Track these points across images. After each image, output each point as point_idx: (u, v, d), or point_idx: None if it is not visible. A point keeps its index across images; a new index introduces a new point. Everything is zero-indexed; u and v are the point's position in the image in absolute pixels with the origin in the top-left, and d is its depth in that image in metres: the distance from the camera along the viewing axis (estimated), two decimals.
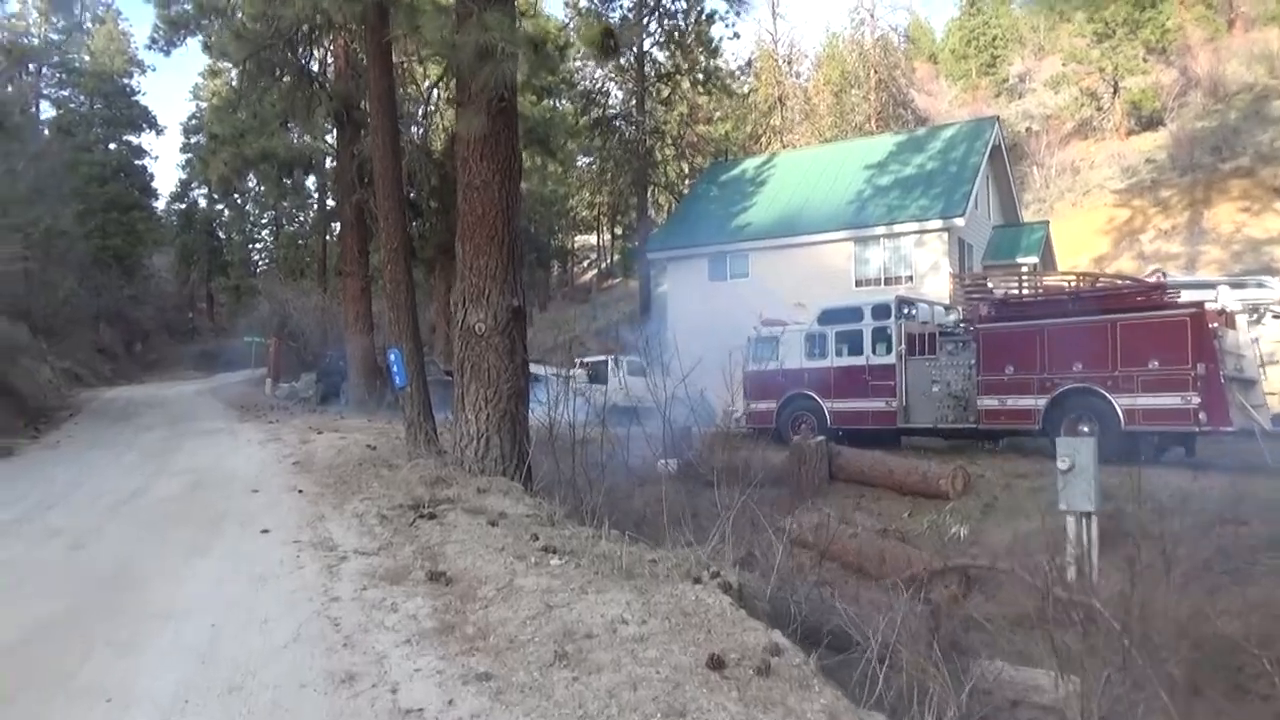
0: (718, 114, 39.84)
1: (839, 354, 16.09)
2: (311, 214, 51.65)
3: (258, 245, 60.91)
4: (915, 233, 22.83)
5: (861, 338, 15.85)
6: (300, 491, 9.06)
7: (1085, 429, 13.12)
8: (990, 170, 25.30)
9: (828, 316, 16.52)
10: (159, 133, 54.74)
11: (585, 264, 68.07)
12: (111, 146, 52.74)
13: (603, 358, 21.36)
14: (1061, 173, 47.91)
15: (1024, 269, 24.65)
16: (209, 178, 24.26)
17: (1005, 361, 13.83)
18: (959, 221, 22.29)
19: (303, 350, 39.16)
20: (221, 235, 60.40)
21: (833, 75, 55.15)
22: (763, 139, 47.17)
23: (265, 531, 7.19)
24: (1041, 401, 13.40)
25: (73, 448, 14.27)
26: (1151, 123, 51.16)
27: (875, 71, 49.70)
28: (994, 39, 68.99)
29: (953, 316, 16.81)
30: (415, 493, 8.42)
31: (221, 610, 5.06)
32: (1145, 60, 52.14)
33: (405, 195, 9.69)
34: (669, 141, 34.68)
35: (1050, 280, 24.34)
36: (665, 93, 33.50)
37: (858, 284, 23.75)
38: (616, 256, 62.74)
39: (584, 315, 46.26)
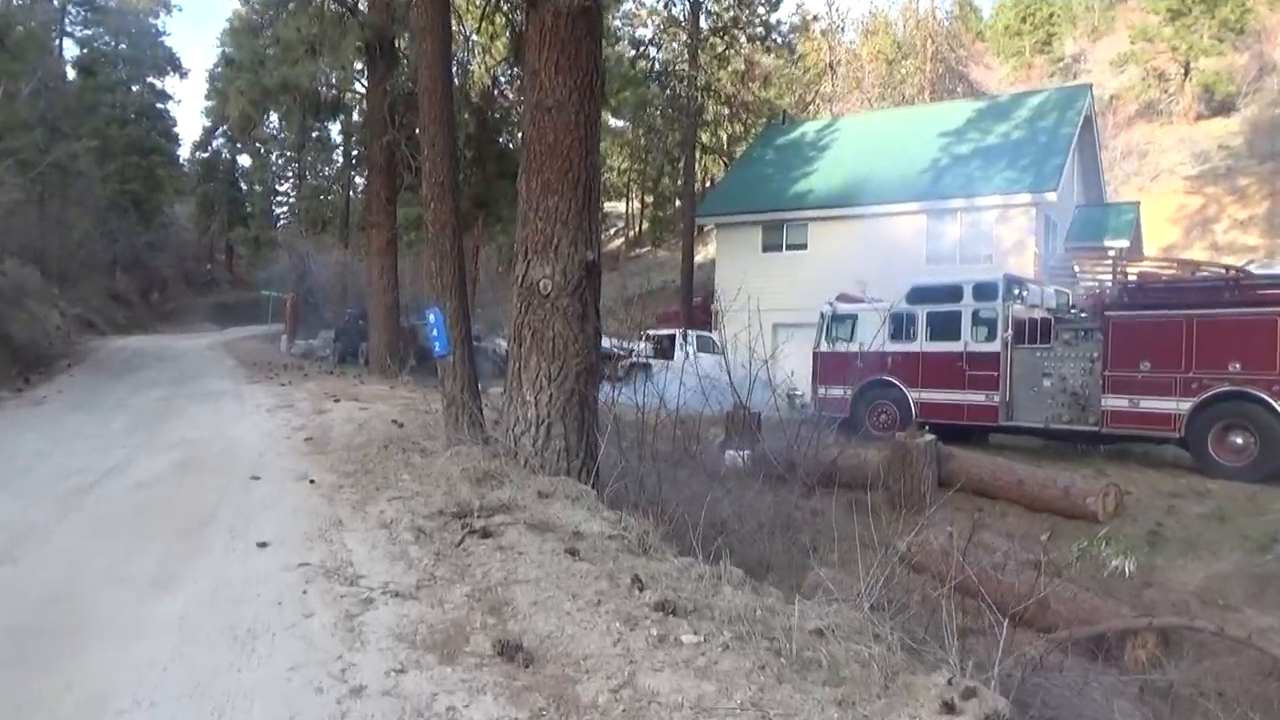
0: (775, 74, 37.46)
1: (931, 338, 14.09)
2: (335, 164, 49.78)
3: (279, 197, 59.20)
4: (999, 207, 20.68)
5: (959, 320, 13.83)
6: (312, 482, 7.21)
7: (1239, 440, 11.13)
8: (1077, 144, 23.03)
9: (919, 294, 14.49)
10: (183, 76, 52.76)
11: (612, 231, 66.04)
12: (134, 89, 50.98)
13: (670, 332, 19.43)
14: (1127, 155, 45.21)
15: (1111, 252, 22.48)
16: (227, 114, 22.27)
17: (1140, 356, 11.81)
18: (1050, 196, 20.11)
19: (321, 307, 37.49)
20: (243, 186, 58.71)
21: (884, 45, 52.54)
22: (810, 107, 44.75)
23: (263, 546, 5.33)
24: (1185, 405, 11.39)
25: (58, 406, 12.49)
26: (1223, 108, 48.42)
27: (931, 40, 47.05)
28: (1050, 15, 66.15)
29: (1054, 301, 14.70)
30: (459, 494, 6.54)
31: (172, 711, 3.18)
32: (1220, 41, 49.34)
33: (451, 124, 7.67)
34: (722, 100, 32.43)
35: (1142, 267, 22.19)
36: (721, 47, 31.22)
37: (929, 261, 21.60)
38: (645, 225, 60.66)
39: (612, 283, 44.32)
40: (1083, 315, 14.09)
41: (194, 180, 56.78)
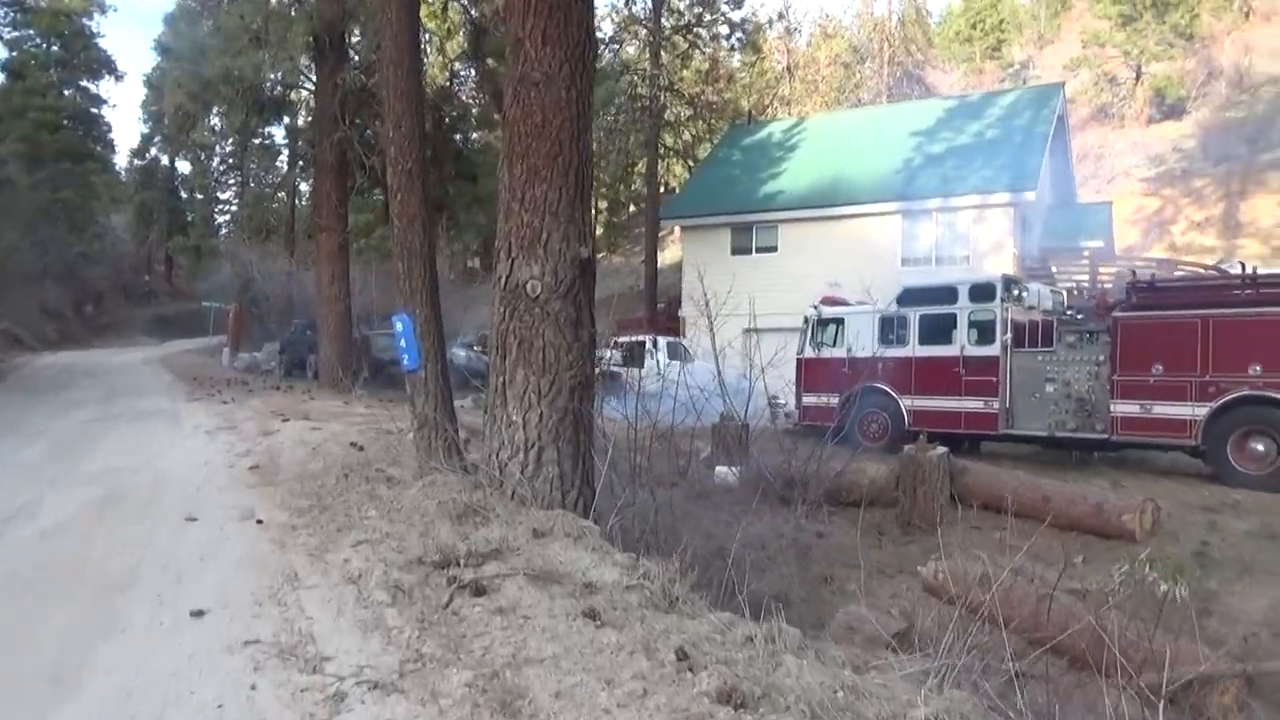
0: (738, 74, 36.67)
1: (924, 342, 13.30)
2: (280, 169, 47.97)
3: (221, 205, 57.03)
4: (976, 207, 20.10)
5: (955, 323, 13.06)
6: (260, 522, 6.10)
7: (1260, 447, 10.48)
8: (1050, 143, 22.59)
9: (911, 296, 13.70)
10: (119, 79, 50.39)
11: None
12: (66, 92, 48.60)
13: (640, 338, 18.43)
14: (1083, 158, 45.32)
15: (1087, 253, 22.08)
16: (164, 110, 20.83)
17: (1151, 359, 11.13)
18: (1029, 196, 19.58)
19: (266, 318, 35.90)
20: (183, 193, 56.45)
21: (840, 49, 52.31)
22: (769, 110, 44.19)
23: (198, 615, 4.24)
24: (1200, 410, 10.73)
25: None
26: (1173, 111, 49.00)
27: (888, 44, 46.84)
28: (1000, 22, 66.75)
29: (1050, 302, 14.01)
30: (438, 535, 5.50)
31: None
32: (1170, 46, 49.98)
33: (419, 101, 6.63)
34: (685, 99, 31.56)
35: (1119, 267, 21.80)
36: (684, 46, 30.35)
37: (904, 263, 20.99)
38: (600, 230, 59.65)
39: None
40: (1079, 317, 13.44)
41: (131, 188, 54.46)
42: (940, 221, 20.63)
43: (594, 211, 63.84)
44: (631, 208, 56.01)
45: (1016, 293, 12.95)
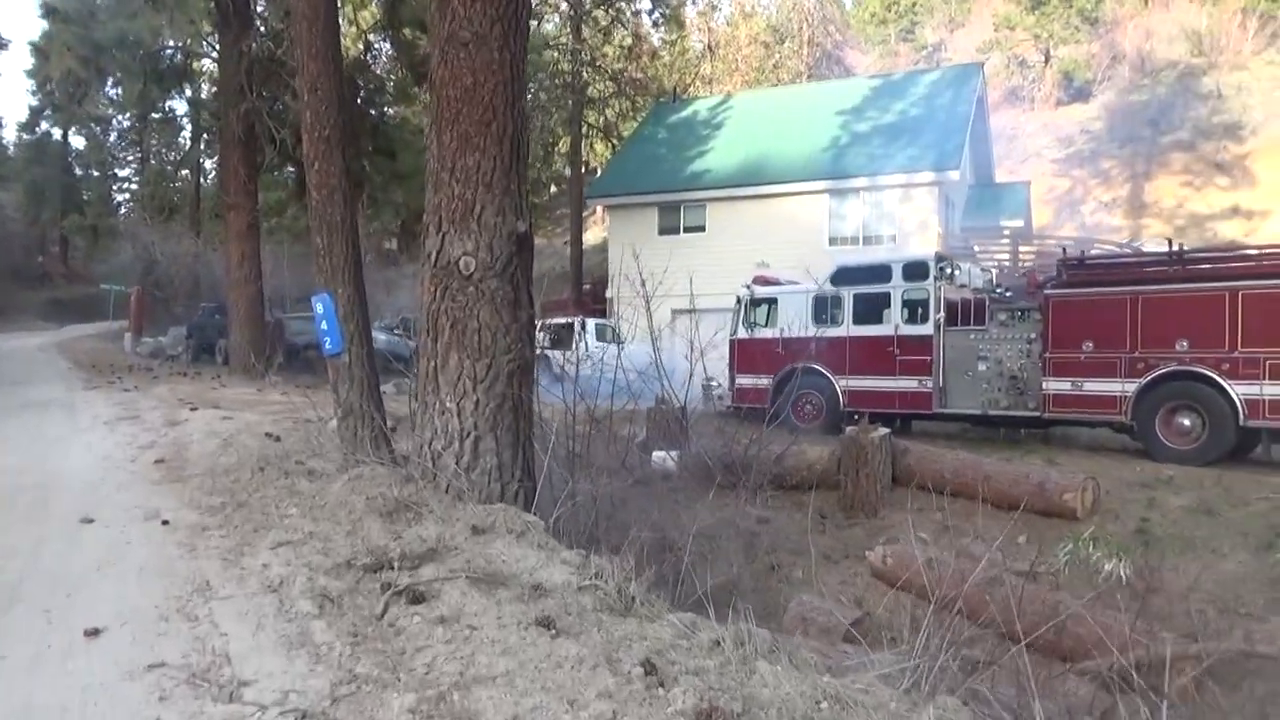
0: (662, 50, 36.17)
1: (858, 321, 13.19)
2: (182, 146, 45.77)
3: (120, 183, 54.23)
4: (902, 186, 20.15)
5: (889, 302, 12.97)
6: (166, 523, 5.54)
7: (1186, 422, 10.64)
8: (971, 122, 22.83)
9: (844, 275, 13.57)
10: (2, 47, 47.25)
11: None
12: None
13: (568, 320, 17.96)
14: (996, 140, 46.28)
15: (1007, 232, 22.42)
16: (50, 77, 19.43)
17: (1082, 336, 11.21)
18: (953, 175, 19.74)
19: (171, 301, 34.27)
20: (77, 170, 53.41)
21: (759, 28, 52.27)
22: (690, 89, 43.91)
23: (93, 634, 3.73)
24: (1130, 387, 10.84)
25: None
26: (1080, 94, 50.43)
27: (807, 24, 46.98)
28: (914, 4, 67.68)
29: (980, 281, 14.05)
30: (368, 534, 5.05)
31: None
32: (1077, 30, 51.46)
33: (337, 61, 6.08)
34: (609, 76, 30.95)
35: (1039, 246, 22.20)
36: (605, 21, 29.74)
37: (832, 242, 20.98)
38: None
39: None
40: (1008, 295, 13.51)
41: (20, 165, 51.29)
42: (867, 200, 20.66)
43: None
44: (553, 188, 55.22)
45: (949, 271, 12.94)
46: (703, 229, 22.22)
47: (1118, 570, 7.39)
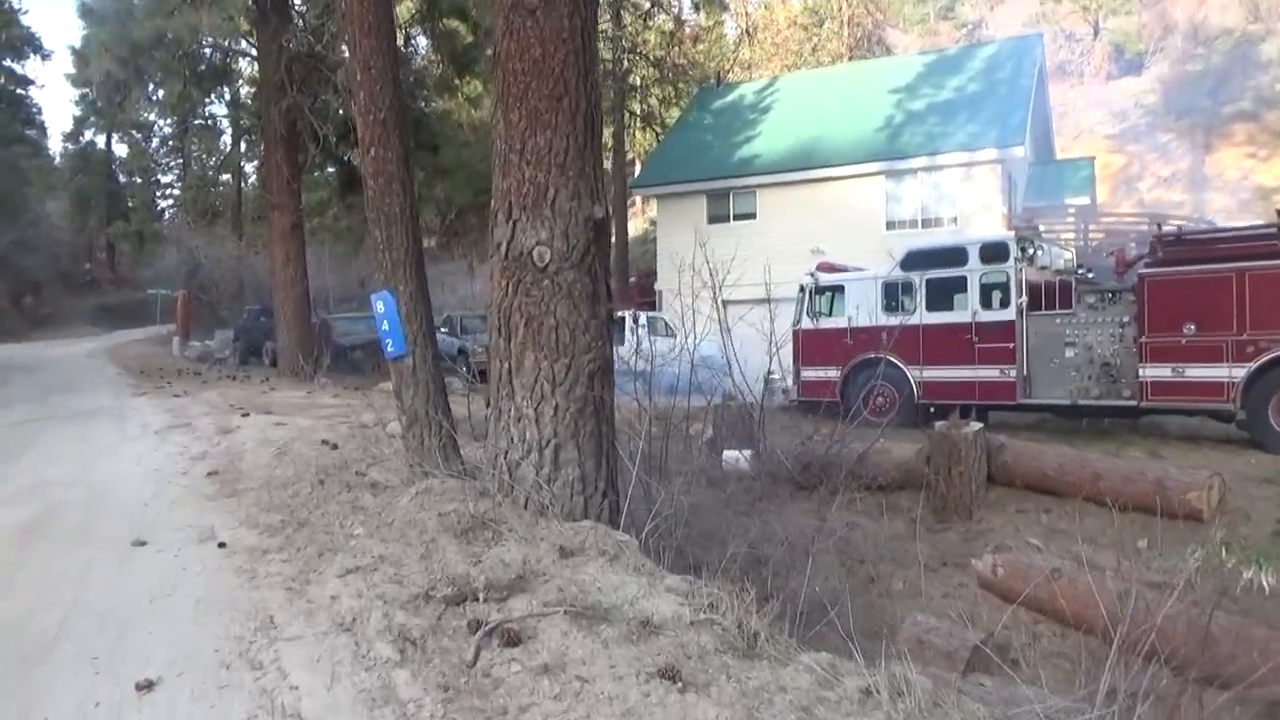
0: (704, 34, 35.34)
1: (932, 308, 12.47)
2: (223, 150, 45.91)
3: (163, 189, 54.63)
4: (963, 165, 19.31)
5: (966, 287, 12.23)
6: (222, 545, 5.08)
7: None
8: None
9: (915, 259, 12.84)
10: (45, 57, 47.55)
11: None
12: None
13: (619, 313, 17.41)
14: None
15: (1073, 210, 21.44)
16: (91, 80, 19.26)
17: (1182, 318, 10.42)
18: (1018, 151, 18.86)
19: (217, 304, 34.34)
20: (121, 178, 53.89)
21: (796, 10, 51.29)
22: (729, 75, 43.12)
23: (146, 689, 3.26)
24: (1238, 372, 10.04)
25: None
26: (1131, 67, 48.88)
27: (848, 3, 45.91)
28: None
29: (1061, 262, 13.24)
30: (445, 558, 4.54)
31: None
32: (1127, 0, 49.87)
33: (391, 36, 5.55)
34: (651, 62, 30.27)
35: (1109, 225, 21.21)
36: (645, 5, 29.07)
37: (889, 226, 20.20)
38: None
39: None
40: (1090, 275, 12.70)
41: (66, 173, 51.91)
42: (925, 182, 19.83)
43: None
44: None
45: (1030, 252, 12.17)
46: (754, 216, 21.54)
47: (1259, 578, 6.66)
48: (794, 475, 9.33)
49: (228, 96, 28.54)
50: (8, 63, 46.33)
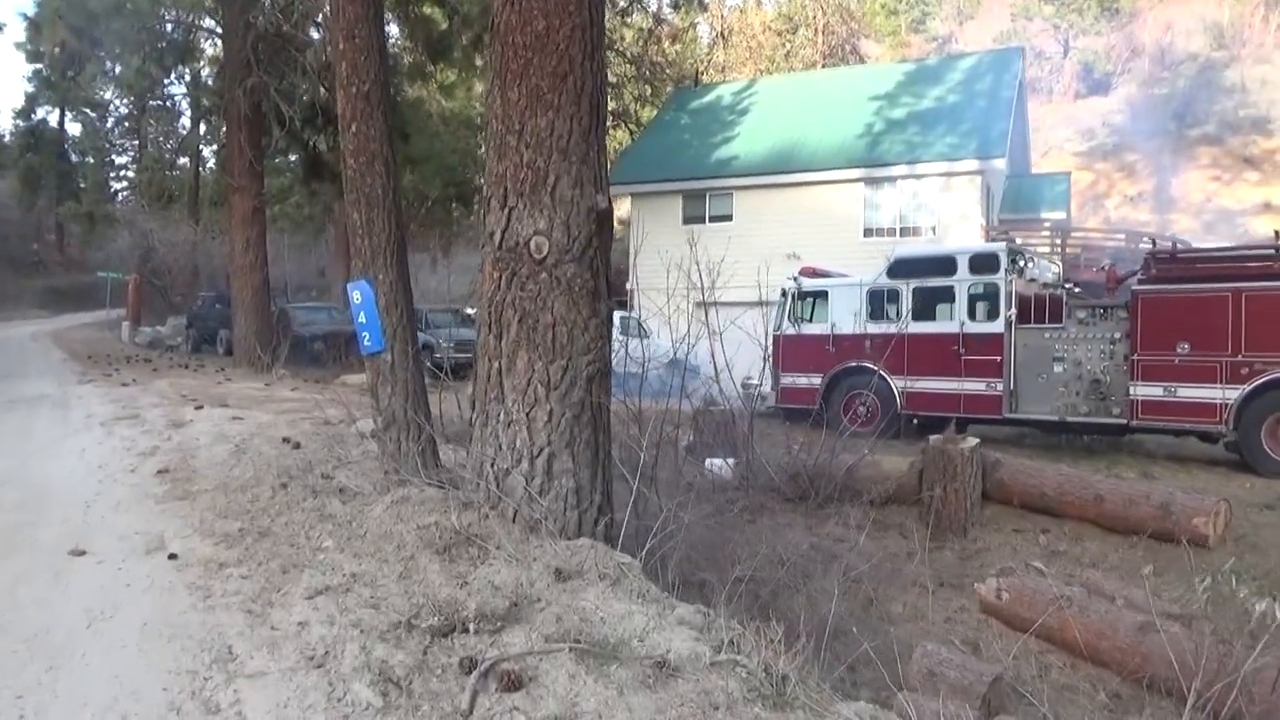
0: (682, 34, 34.94)
1: (918, 317, 12.18)
2: (181, 131, 44.62)
3: (117, 168, 52.93)
4: (942, 175, 19.13)
5: (953, 297, 11.95)
6: (173, 556, 4.55)
7: None
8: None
9: (902, 267, 12.54)
10: None
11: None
12: None
13: None
14: None
15: (1048, 224, 21.42)
16: (43, 50, 18.37)
17: (1175, 337, 10.21)
18: (998, 163, 18.72)
19: (169, 290, 33.27)
20: (74, 157, 52.09)
21: (770, 16, 51.23)
22: (703, 77, 42.86)
23: None
24: (1231, 393, 9.85)
25: None
26: (1099, 86, 49.41)
27: (823, 11, 45.91)
28: None
29: (1049, 275, 13.02)
30: (427, 578, 4.09)
31: None
32: (1097, 20, 50.47)
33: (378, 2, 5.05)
34: (628, 59, 29.76)
35: (1086, 239, 21.23)
36: (623, 2, 28.57)
37: (866, 233, 19.98)
38: None
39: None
40: (1077, 290, 12.51)
41: (16, 151, 49.98)
42: (905, 190, 19.63)
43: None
44: None
45: (1020, 264, 11.92)
46: (730, 218, 21.19)
47: (1272, 611, 6.36)
48: (780, 486, 8.95)
49: (188, 76, 27.54)
50: None
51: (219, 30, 17.15)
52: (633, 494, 4.87)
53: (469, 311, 22.86)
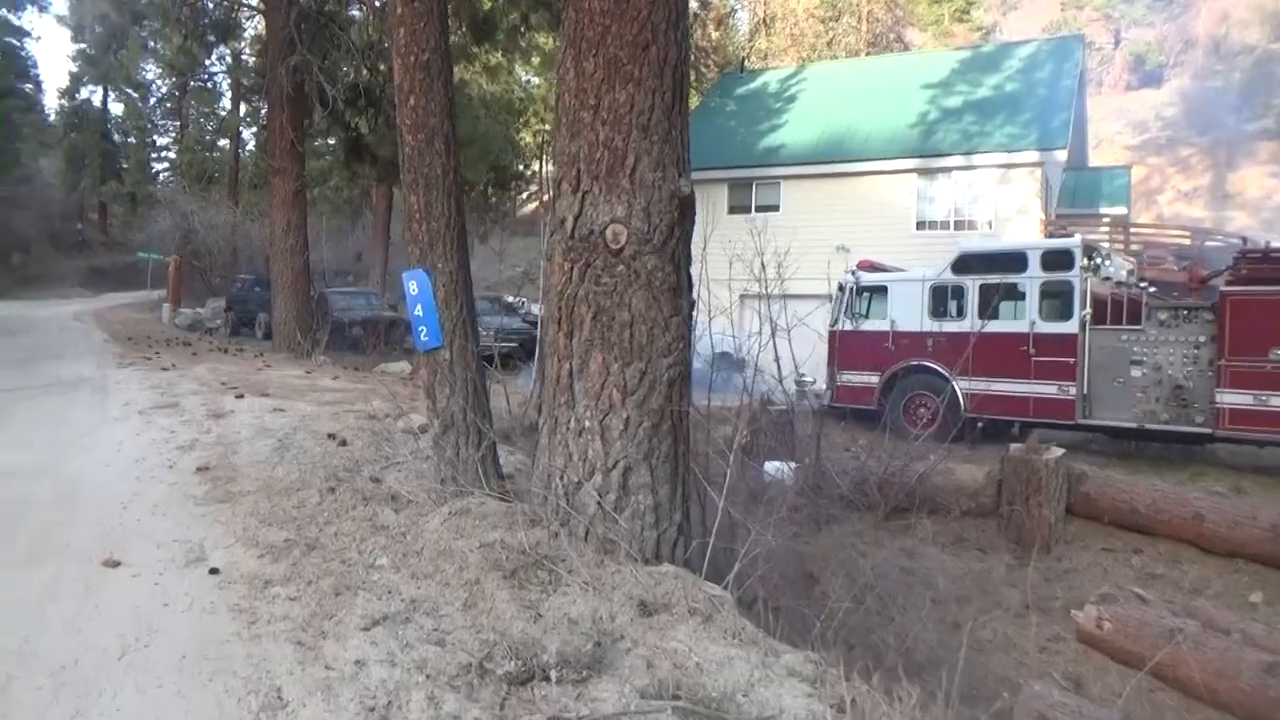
0: (728, 18, 34.26)
1: (985, 315, 11.57)
2: (221, 113, 44.67)
3: (159, 149, 53.10)
4: (1001, 166, 18.40)
5: (1024, 295, 11.33)
6: (214, 572, 4.15)
7: None
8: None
9: (968, 262, 11.93)
10: (42, 9, 46.03)
11: (525, 196, 62.17)
12: None
13: None
14: None
15: (1107, 220, 20.63)
16: (85, 24, 18.13)
17: (1268, 342, 9.55)
18: (1060, 155, 17.96)
19: (208, 272, 33.23)
20: (116, 137, 52.36)
21: (813, 3, 50.29)
22: (746, 64, 42.12)
23: None
24: None
25: None
26: (1151, 78, 48.11)
27: None
28: None
29: (1123, 273, 12.33)
30: (495, 607, 3.67)
31: None
32: (1150, 10, 49.13)
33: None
34: None
35: (1148, 235, 20.44)
36: None
37: (919, 226, 19.31)
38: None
39: (531, 250, 40.71)
40: (1151, 289, 11.84)
41: (60, 131, 50.37)
42: (960, 181, 18.91)
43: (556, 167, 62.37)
44: None
45: (1097, 261, 11.27)
46: (777, 208, 20.59)
47: None
48: (846, 493, 8.44)
49: (228, 58, 27.38)
50: (3, 13, 44.89)
51: (261, 7, 16.83)
52: (719, 513, 4.38)
53: (509, 299, 22.49)
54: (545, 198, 58.89)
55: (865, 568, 5.93)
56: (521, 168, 50.85)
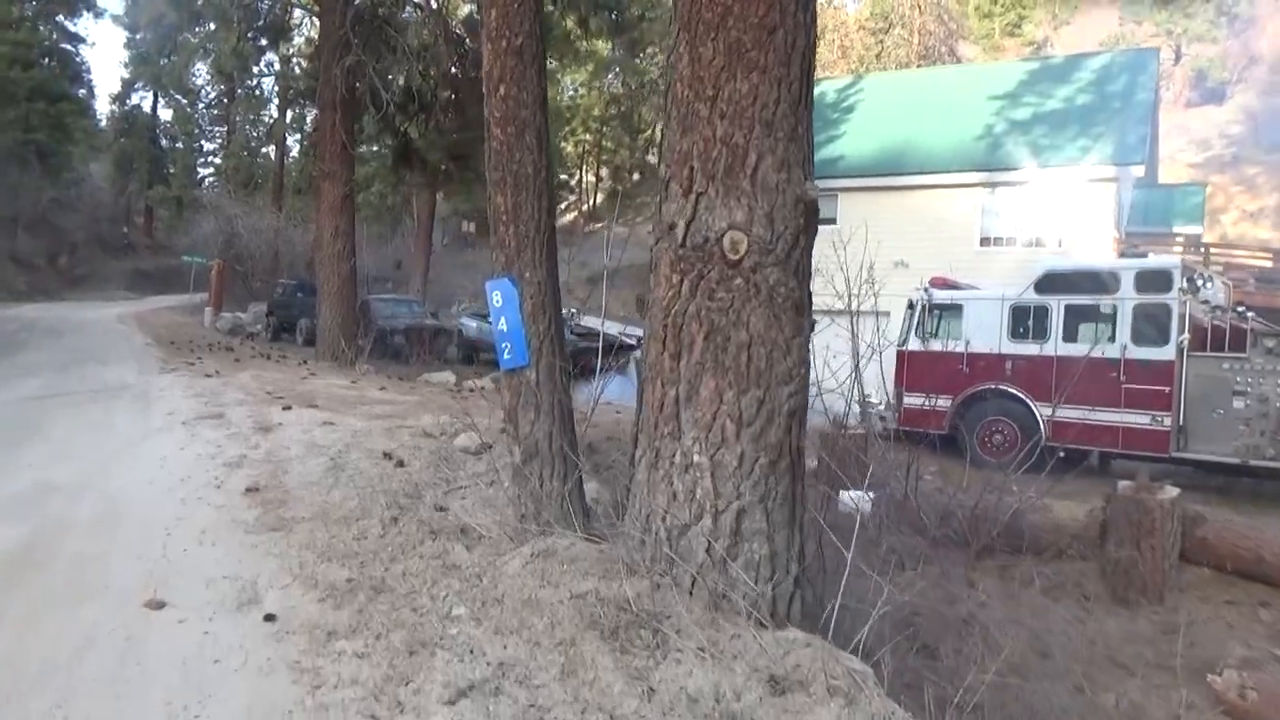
0: None
1: (1070, 338, 10.88)
2: (267, 120, 44.89)
3: (205, 154, 53.56)
4: (1073, 181, 17.60)
5: (1114, 317, 10.61)
6: (270, 619, 3.63)
7: None
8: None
9: (1053, 281, 11.23)
10: (97, 15, 46.73)
11: (563, 206, 62.07)
12: (41, 28, 44.91)
13: None
14: None
15: (1180, 239, 19.74)
16: (140, 24, 18.00)
17: None
18: (1137, 170, 17.15)
19: (250, 277, 33.18)
20: (165, 142, 52.93)
21: (865, 14, 49.67)
22: None
23: None
24: None
25: None
26: (1213, 95, 46.74)
27: (920, 10, 44.18)
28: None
29: (1221, 297, 11.56)
30: (599, 680, 3.12)
31: None
32: (1213, 26, 47.84)
33: None
34: None
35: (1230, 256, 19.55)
36: None
37: (984, 242, 18.58)
38: (601, 198, 56.81)
39: (571, 261, 40.27)
40: (1249, 314, 11.08)
41: (111, 135, 51.05)
42: (1028, 196, 18.14)
43: (595, 176, 61.27)
44: (635, 175, 53.18)
45: (1197, 284, 10.54)
46: (834, 221, 19.91)
47: None
48: (931, 528, 7.78)
49: (277, 64, 27.30)
50: (59, 18, 45.43)
51: (315, 8, 16.56)
52: (846, 570, 3.79)
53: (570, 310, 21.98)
54: (584, 207, 58.67)
55: (986, 621, 5.30)
56: (565, 177, 50.63)
